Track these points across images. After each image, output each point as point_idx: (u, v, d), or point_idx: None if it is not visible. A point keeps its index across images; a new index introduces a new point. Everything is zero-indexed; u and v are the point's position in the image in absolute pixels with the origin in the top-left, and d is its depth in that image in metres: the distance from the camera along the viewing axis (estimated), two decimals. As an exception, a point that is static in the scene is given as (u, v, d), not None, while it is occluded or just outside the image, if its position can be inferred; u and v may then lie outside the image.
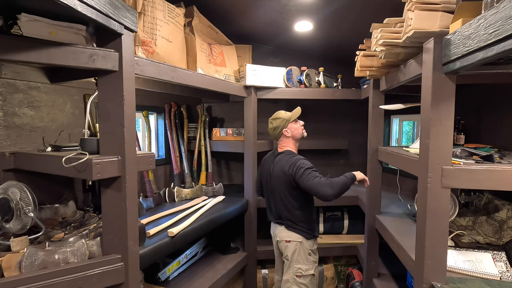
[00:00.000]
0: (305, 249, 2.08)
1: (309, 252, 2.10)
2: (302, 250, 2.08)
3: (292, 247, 2.08)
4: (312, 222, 2.14)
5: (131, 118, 1.31)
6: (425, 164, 1.28)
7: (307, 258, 2.09)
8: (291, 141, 2.16)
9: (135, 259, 1.35)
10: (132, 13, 1.31)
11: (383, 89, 2.10)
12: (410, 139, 3.48)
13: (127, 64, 1.30)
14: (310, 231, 2.10)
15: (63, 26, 1.20)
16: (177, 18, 2.02)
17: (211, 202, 2.49)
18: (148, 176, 2.39)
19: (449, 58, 1.16)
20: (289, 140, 2.16)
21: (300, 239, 2.07)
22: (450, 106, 1.22)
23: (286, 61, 3.12)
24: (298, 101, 2.95)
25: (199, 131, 2.88)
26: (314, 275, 2.11)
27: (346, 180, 1.94)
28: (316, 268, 2.14)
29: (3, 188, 1.32)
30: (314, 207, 2.20)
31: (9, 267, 1.14)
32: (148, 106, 2.53)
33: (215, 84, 2.22)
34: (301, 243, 2.07)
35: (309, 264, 2.09)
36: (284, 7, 2.23)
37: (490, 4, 0.96)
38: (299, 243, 2.07)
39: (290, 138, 2.16)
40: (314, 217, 2.19)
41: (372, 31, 1.70)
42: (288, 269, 2.11)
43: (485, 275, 1.35)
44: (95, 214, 1.65)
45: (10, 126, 1.52)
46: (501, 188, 1.23)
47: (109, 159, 1.25)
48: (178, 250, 2.26)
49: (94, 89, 1.37)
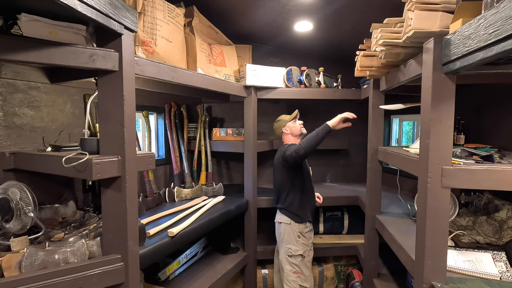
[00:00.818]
0: (294, 231, 2.33)
1: (298, 235, 2.33)
2: (292, 232, 2.33)
3: (282, 228, 2.37)
4: (302, 207, 2.36)
5: (131, 118, 1.31)
6: (425, 164, 1.28)
7: (297, 239, 2.32)
8: (290, 137, 2.50)
9: (135, 259, 1.35)
10: (132, 13, 1.31)
11: (383, 89, 2.10)
12: (410, 139, 3.48)
13: (127, 64, 1.30)
14: (298, 215, 2.34)
15: (63, 26, 1.20)
16: (177, 18, 2.02)
17: (211, 202, 2.49)
18: (148, 176, 2.39)
19: (449, 58, 1.16)
20: (289, 136, 2.50)
21: (289, 221, 2.34)
22: (450, 106, 1.22)
23: (286, 61, 3.12)
24: (298, 101, 2.95)
25: (199, 131, 2.88)
26: (303, 256, 2.32)
27: (314, 133, 2.16)
28: (307, 251, 2.34)
29: (3, 188, 1.32)
30: (309, 195, 2.41)
31: (9, 267, 1.14)
32: (148, 106, 2.53)
33: (215, 84, 2.22)
34: (289, 224, 2.33)
35: (298, 246, 2.32)
36: (284, 7, 2.23)
37: (490, 4, 0.96)
38: (288, 225, 2.34)
39: (289, 134, 2.51)
40: (306, 204, 2.38)
41: (372, 31, 1.70)
42: (280, 248, 2.40)
43: (485, 275, 1.35)
44: (95, 214, 1.65)
45: (10, 126, 1.52)
46: (501, 188, 1.23)
47: (109, 159, 1.25)
48: (178, 250, 2.26)
49: (94, 89, 1.37)
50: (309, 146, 2.15)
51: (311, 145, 2.14)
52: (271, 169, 3.45)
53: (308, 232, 2.38)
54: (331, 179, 3.52)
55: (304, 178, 2.39)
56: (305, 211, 2.37)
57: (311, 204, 2.44)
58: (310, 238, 2.39)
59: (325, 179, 3.51)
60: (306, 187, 2.39)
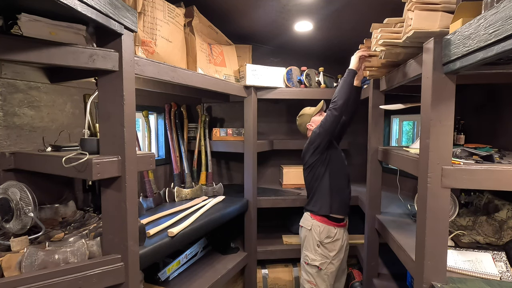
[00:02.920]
0: (314, 238, 2.07)
1: (318, 244, 2.06)
2: (311, 239, 2.08)
3: (302, 232, 2.16)
4: (327, 199, 2.06)
5: (131, 118, 1.31)
6: (425, 164, 1.28)
7: (315, 249, 2.07)
8: None
9: (135, 259, 1.35)
10: (132, 13, 1.31)
11: (383, 89, 2.10)
12: (410, 139, 3.48)
13: (127, 64, 1.30)
14: (321, 208, 2.05)
15: (63, 26, 1.20)
16: (177, 18, 2.02)
17: (211, 202, 2.49)
18: (148, 176, 2.39)
19: (449, 58, 1.16)
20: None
21: (310, 226, 2.09)
22: (450, 106, 1.22)
23: (286, 61, 3.12)
24: (298, 101, 2.95)
25: (199, 131, 2.88)
26: (319, 268, 2.06)
27: (342, 81, 2.00)
28: (325, 264, 2.05)
29: (3, 188, 1.32)
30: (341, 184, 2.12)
31: (9, 267, 1.14)
32: (148, 106, 2.53)
33: (215, 84, 2.22)
34: (310, 230, 2.09)
35: (316, 256, 2.07)
36: (284, 7, 2.23)
37: (490, 4, 0.96)
38: (308, 230, 2.10)
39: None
40: (335, 195, 2.08)
41: (372, 31, 1.70)
42: (301, 253, 2.20)
43: (485, 275, 1.35)
44: (95, 214, 1.65)
45: (10, 126, 1.52)
46: (501, 188, 1.23)
47: (109, 159, 1.25)
48: (178, 250, 2.26)
49: (94, 89, 1.37)
50: (343, 95, 1.94)
51: (345, 92, 1.95)
52: (271, 169, 3.47)
53: (331, 243, 2.07)
54: (331, 179, 3.51)
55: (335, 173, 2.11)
56: (331, 203, 2.08)
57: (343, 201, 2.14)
58: (333, 250, 2.07)
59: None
60: (332, 171, 2.10)
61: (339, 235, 2.10)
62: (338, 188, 2.13)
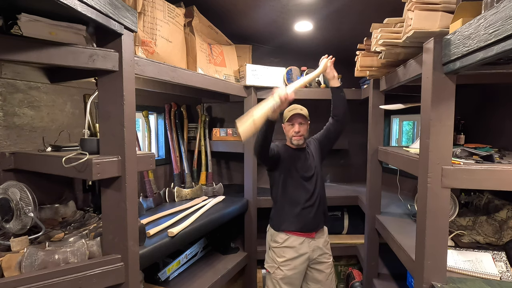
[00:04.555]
0: (268, 240, 2.08)
1: (269, 246, 2.04)
2: (267, 240, 2.11)
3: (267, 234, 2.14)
4: (280, 213, 1.99)
5: (131, 118, 1.31)
6: (425, 164, 1.28)
7: (267, 251, 2.07)
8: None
9: (135, 259, 1.35)
10: (132, 13, 1.31)
11: (383, 89, 2.10)
12: (410, 139, 3.48)
13: (127, 64, 1.30)
14: (274, 221, 2.03)
15: (63, 26, 1.20)
16: (177, 18, 2.02)
17: (211, 202, 2.49)
18: (148, 176, 2.39)
19: (449, 58, 1.16)
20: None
21: (268, 228, 2.12)
22: (450, 106, 1.22)
23: (286, 61, 3.12)
24: (297, 101, 2.94)
25: (199, 131, 2.88)
26: (267, 271, 2.01)
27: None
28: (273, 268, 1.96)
29: (3, 188, 1.32)
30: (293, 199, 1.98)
31: (9, 267, 1.14)
32: (148, 106, 2.53)
33: (215, 84, 2.22)
34: (268, 232, 2.12)
35: (268, 258, 2.05)
36: (284, 7, 2.23)
37: (490, 4, 0.96)
38: (268, 232, 2.12)
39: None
40: (287, 209, 1.98)
41: (372, 31, 1.70)
42: None
43: (485, 275, 1.35)
44: (95, 214, 1.65)
45: (10, 126, 1.52)
46: (501, 188, 1.23)
47: (109, 159, 1.25)
48: (178, 250, 2.25)
49: (94, 89, 1.37)
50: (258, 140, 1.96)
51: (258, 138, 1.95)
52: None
53: (278, 248, 1.96)
54: (331, 179, 3.52)
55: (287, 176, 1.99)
56: (283, 217, 1.98)
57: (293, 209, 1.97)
58: (281, 257, 1.95)
59: (325, 179, 3.51)
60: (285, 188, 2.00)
61: (292, 243, 1.95)
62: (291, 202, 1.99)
